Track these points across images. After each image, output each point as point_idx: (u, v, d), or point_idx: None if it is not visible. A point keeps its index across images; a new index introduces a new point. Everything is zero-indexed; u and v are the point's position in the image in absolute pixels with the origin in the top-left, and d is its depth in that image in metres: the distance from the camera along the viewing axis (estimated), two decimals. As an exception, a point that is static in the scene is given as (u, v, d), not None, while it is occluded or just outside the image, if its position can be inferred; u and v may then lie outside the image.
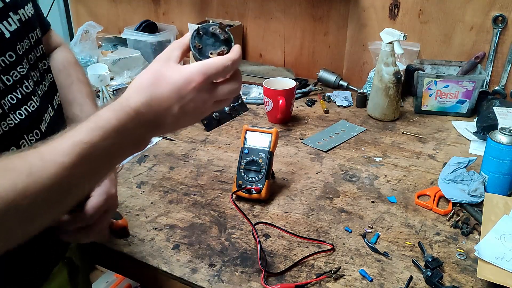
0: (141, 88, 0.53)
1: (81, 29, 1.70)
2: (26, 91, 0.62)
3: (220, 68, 0.54)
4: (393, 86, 1.32)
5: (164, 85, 0.53)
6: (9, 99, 0.60)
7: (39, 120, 0.65)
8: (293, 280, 0.79)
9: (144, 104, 0.52)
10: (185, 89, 0.53)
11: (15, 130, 0.60)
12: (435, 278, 0.77)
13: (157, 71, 0.54)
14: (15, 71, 0.60)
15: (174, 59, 0.56)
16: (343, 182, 1.07)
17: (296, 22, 1.68)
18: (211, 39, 0.57)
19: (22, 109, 0.62)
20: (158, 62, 0.56)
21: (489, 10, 1.38)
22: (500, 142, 0.95)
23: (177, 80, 0.53)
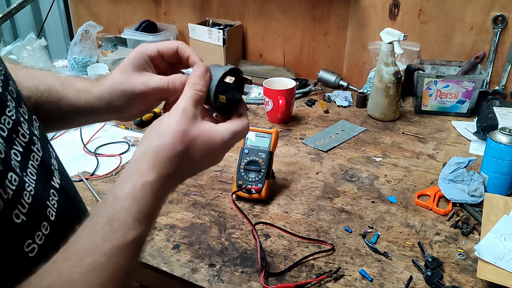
0: (172, 157, 0.48)
1: (81, 29, 1.70)
2: (24, 141, 0.49)
3: (245, 131, 0.55)
4: (393, 86, 1.32)
5: (198, 153, 0.50)
6: (14, 158, 0.45)
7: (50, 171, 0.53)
8: (293, 280, 0.79)
9: (174, 170, 0.49)
10: (219, 152, 0.53)
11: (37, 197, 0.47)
12: (435, 278, 0.77)
13: (187, 135, 0.49)
14: (5, 116, 0.46)
15: (200, 116, 0.51)
16: (343, 182, 1.07)
17: (296, 22, 1.68)
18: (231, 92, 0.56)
19: (29, 166, 0.48)
20: (185, 120, 0.50)
21: (489, 10, 1.38)
22: (500, 142, 0.95)
23: (211, 149, 0.51)
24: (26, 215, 0.44)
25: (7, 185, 0.42)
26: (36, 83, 0.61)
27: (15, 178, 0.43)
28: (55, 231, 0.48)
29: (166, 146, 0.48)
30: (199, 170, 0.53)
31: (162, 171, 0.47)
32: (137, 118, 1.04)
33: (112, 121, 1.37)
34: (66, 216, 0.52)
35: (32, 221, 0.45)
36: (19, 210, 0.43)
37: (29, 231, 0.45)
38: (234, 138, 0.53)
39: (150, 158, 0.47)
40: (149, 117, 1.36)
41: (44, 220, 0.47)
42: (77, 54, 1.70)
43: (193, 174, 0.53)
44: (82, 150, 1.22)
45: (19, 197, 0.43)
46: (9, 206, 0.42)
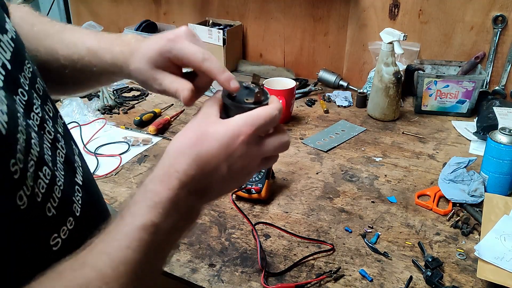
0: (184, 150, 0.46)
1: (81, 29, 1.70)
2: (50, 137, 0.49)
3: (268, 118, 0.48)
4: (393, 86, 1.32)
5: (210, 142, 0.46)
6: (47, 152, 0.46)
7: (73, 168, 0.53)
8: (293, 280, 0.79)
9: (191, 166, 0.45)
10: (233, 144, 0.46)
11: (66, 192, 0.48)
12: (435, 278, 0.77)
13: (198, 129, 0.47)
14: (33, 113, 0.47)
15: (214, 114, 0.48)
16: (343, 182, 1.07)
17: (296, 22, 1.68)
18: (244, 91, 0.51)
19: (57, 161, 0.49)
20: (197, 120, 0.48)
21: (489, 10, 1.38)
22: (500, 142, 0.95)
23: (224, 134, 0.46)
24: (56, 209, 0.45)
25: (42, 179, 0.43)
26: (69, 52, 0.60)
27: (48, 172, 0.44)
28: (79, 226, 0.49)
29: (176, 142, 0.47)
30: (222, 166, 0.47)
31: (177, 164, 0.45)
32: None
33: (112, 121, 1.37)
34: (89, 212, 0.52)
35: (60, 216, 0.46)
36: (51, 204, 0.44)
37: (56, 225, 0.46)
38: (254, 120, 0.47)
39: (163, 158, 0.47)
40: (149, 117, 1.36)
41: (70, 215, 0.48)
42: (77, 54, 1.70)
43: (216, 173, 0.47)
44: (82, 150, 1.22)
45: (51, 191, 0.44)
46: (44, 200, 0.43)
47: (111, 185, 1.07)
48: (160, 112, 1.42)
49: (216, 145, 0.46)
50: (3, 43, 0.45)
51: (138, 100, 1.52)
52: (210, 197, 0.49)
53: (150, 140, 1.26)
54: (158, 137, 1.28)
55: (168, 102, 1.50)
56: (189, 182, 0.45)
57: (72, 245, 0.45)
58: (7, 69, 0.44)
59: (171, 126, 1.36)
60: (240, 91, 0.51)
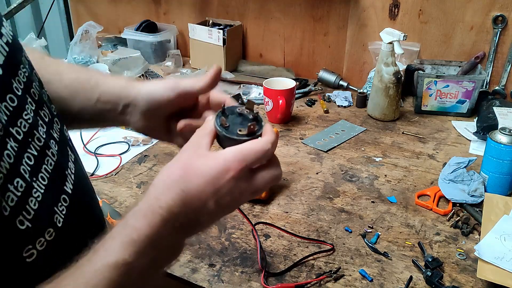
0: (170, 184, 0.45)
1: (81, 29, 1.70)
2: (39, 144, 0.47)
3: (260, 153, 0.46)
4: (393, 86, 1.32)
5: (197, 177, 0.45)
6: (26, 162, 0.44)
7: (63, 176, 0.51)
8: (293, 280, 0.79)
9: (176, 202, 0.44)
10: (221, 179, 0.45)
11: (43, 203, 0.45)
12: (435, 278, 0.77)
13: (186, 162, 0.46)
14: (22, 119, 0.45)
15: (204, 147, 0.47)
16: (343, 182, 1.07)
17: (296, 22, 1.68)
18: (238, 119, 0.50)
19: (42, 170, 0.46)
20: (186, 152, 0.48)
21: (489, 10, 1.38)
22: (500, 142, 0.95)
23: (212, 169, 0.45)
24: (31, 221, 0.43)
25: (11, 191, 0.41)
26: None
27: (21, 184, 0.42)
28: (62, 236, 0.47)
29: (164, 173, 0.47)
30: (208, 203, 0.45)
31: (161, 199, 0.44)
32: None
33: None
34: (75, 223, 0.50)
35: (37, 228, 0.44)
36: (24, 217, 0.42)
37: (31, 237, 0.43)
38: (244, 156, 0.45)
39: (148, 192, 0.46)
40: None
41: (50, 227, 0.46)
42: (77, 54, 1.70)
43: (202, 215, 0.46)
44: (82, 150, 1.22)
45: (24, 203, 0.42)
46: (13, 213, 0.41)
47: (111, 185, 1.07)
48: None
49: (203, 180, 0.45)
50: None
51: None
52: (196, 230, 0.48)
53: (150, 140, 1.26)
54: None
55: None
56: (173, 218, 0.44)
57: (52, 255, 0.45)
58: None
59: (171, 126, 1.35)
60: (234, 118, 0.50)
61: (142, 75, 1.67)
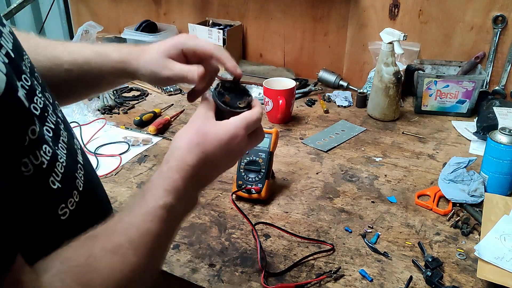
0: (192, 147, 0.54)
1: (81, 29, 1.70)
2: (53, 120, 0.53)
3: (258, 120, 0.59)
4: (393, 86, 1.32)
5: (213, 141, 0.55)
6: (47, 133, 0.50)
7: (74, 149, 0.58)
8: (293, 280, 0.79)
9: (199, 161, 0.54)
10: (231, 143, 0.56)
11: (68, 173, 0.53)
12: (435, 278, 0.77)
13: (201, 129, 0.56)
14: (37, 96, 0.50)
15: (211, 118, 0.58)
16: (343, 182, 1.07)
17: (296, 22, 1.68)
18: (231, 94, 0.62)
19: (60, 141, 0.53)
20: (198, 121, 0.57)
21: (489, 10, 1.38)
22: (500, 142, 0.95)
23: (225, 135, 0.56)
24: (60, 182, 0.49)
25: (42, 155, 0.46)
26: (74, 56, 0.67)
27: (48, 150, 0.48)
28: (83, 200, 0.54)
29: (183, 139, 0.55)
30: (224, 160, 0.57)
31: (187, 158, 0.54)
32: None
33: (112, 121, 1.37)
34: (90, 189, 0.58)
35: (66, 188, 0.51)
36: (54, 178, 0.49)
37: (63, 196, 0.51)
38: (247, 122, 0.57)
39: (172, 154, 0.55)
40: (149, 117, 1.36)
41: (75, 189, 0.53)
42: (77, 54, 1.69)
43: (219, 165, 0.58)
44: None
45: (53, 166, 0.49)
46: (45, 174, 0.47)
47: (111, 185, 1.07)
48: (160, 112, 1.42)
49: (218, 144, 0.55)
50: (4, 34, 0.48)
51: (138, 100, 1.52)
52: (207, 184, 0.59)
53: (150, 140, 1.26)
54: (158, 137, 1.28)
55: (168, 102, 1.50)
56: (196, 174, 0.54)
57: (79, 216, 0.53)
58: (11, 57, 0.46)
59: (171, 126, 1.36)
60: (228, 94, 0.61)
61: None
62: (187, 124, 0.58)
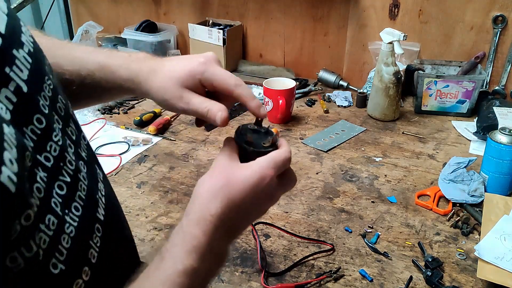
0: (216, 193, 0.47)
1: (81, 29, 1.70)
2: (71, 168, 0.43)
3: (286, 159, 0.51)
4: (393, 86, 1.32)
5: (239, 185, 0.48)
6: (57, 193, 0.39)
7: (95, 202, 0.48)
8: (293, 280, 0.79)
9: (223, 209, 0.47)
10: (260, 186, 0.49)
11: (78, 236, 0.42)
12: (435, 278, 0.77)
13: (226, 172, 0.49)
14: (52, 142, 0.40)
15: (236, 160, 0.51)
16: (343, 182, 1.07)
17: (296, 22, 1.68)
18: (254, 135, 0.56)
19: (76, 198, 0.43)
20: (221, 165, 0.50)
21: (489, 10, 1.38)
22: (500, 142, 0.95)
23: (251, 177, 0.48)
24: (64, 262, 0.39)
25: (40, 239, 0.35)
26: (77, 68, 0.58)
27: (53, 221, 0.37)
28: (97, 273, 0.44)
29: (206, 184, 0.48)
30: (252, 206, 0.50)
31: (210, 206, 0.47)
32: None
33: (112, 121, 1.37)
34: (109, 256, 0.48)
35: (72, 269, 0.40)
36: (57, 259, 0.38)
37: (67, 280, 0.40)
38: (275, 163, 0.50)
39: (194, 203, 0.48)
40: (149, 117, 1.36)
41: (85, 265, 0.43)
42: (77, 54, 1.70)
43: (247, 213, 0.50)
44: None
45: (57, 243, 0.38)
46: (43, 260, 0.36)
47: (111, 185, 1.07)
48: (160, 112, 1.42)
49: (244, 188, 0.48)
50: (18, 60, 0.38)
51: (138, 100, 1.52)
52: (238, 234, 0.51)
53: (150, 140, 1.26)
54: (158, 137, 1.28)
55: (168, 102, 1.50)
56: (222, 224, 0.47)
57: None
58: (22, 93, 0.37)
59: (171, 126, 1.36)
60: (252, 135, 0.55)
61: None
62: (208, 171, 0.51)
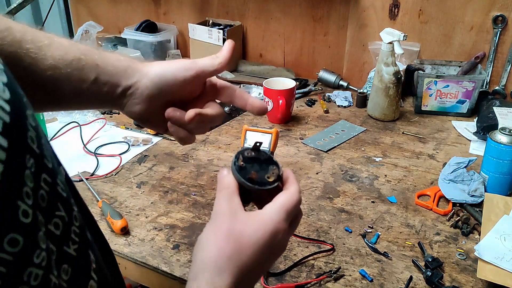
0: (223, 264, 0.43)
1: (81, 29, 1.70)
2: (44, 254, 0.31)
3: (298, 204, 0.47)
4: (393, 86, 1.32)
5: (250, 248, 0.43)
6: None
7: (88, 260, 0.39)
8: (293, 280, 0.79)
9: (233, 280, 0.42)
10: (274, 242, 0.45)
11: None
12: (435, 278, 0.77)
13: (233, 232, 0.44)
14: (35, 256, 0.30)
15: (240, 209, 0.46)
16: (343, 182, 1.07)
17: (296, 22, 1.68)
18: (255, 165, 0.50)
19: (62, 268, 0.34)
20: (224, 220, 0.45)
21: (489, 10, 1.38)
22: (500, 142, 0.95)
23: (264, 236, 0.44)
24: None
25: None
26: (62, 53, 0.52)
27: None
28: None
29: (213, 255, 0.43)
30: (265, 264, 0.46)
31: (221, 280, 0.42)
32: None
33: (112, 121, 1.37)
34: None
35: None
36: None
37: None
38: (287, 212, 0.46)
39: (199, 275, 0.43)
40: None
41: None
42: (77, 54, 1.70)
43: (259, 271, 0.47)
44: (82, 150, 1.22)
45: None
46: None
47: (111, 185, 1.07)
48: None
49: (257, 249, 0.44)
50: None
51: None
52: (253, 286, 0.49)
53: (150, 140, 1.26)
54: (158, 137, 1.28)
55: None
56: None
57: None
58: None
59: (171, 126, 1.35)
60: (251, 166, 0.50)
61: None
62: (210, 224, 0.46)
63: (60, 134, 1.29)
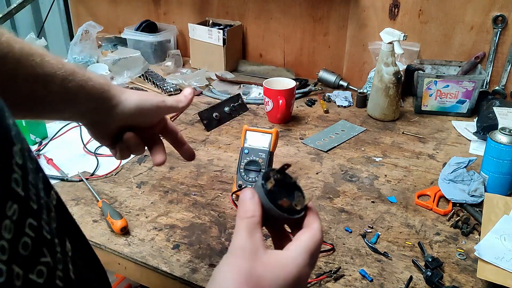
0: None
1: (81, 29, 1.70)
2: None
3: (320, 241, 0.45)
4: (393, 86, 1.32)
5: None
6: None
7: None
8: (293, 280, 0.79)
9: None
10: (300, 279, 0.42)
11: None
12: (435, 278, 0.77)
13: (251, 276, 0.40)
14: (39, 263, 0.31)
15: (261, 246, 0.42)
16: (343, 182, 1.07)
17: (296, 22, 1.68)
18: (281, 189, 0.46)
19: None
20: (244, 259, 0.41)
21: (489, 10, 1.38)
22: (500, 142, 0.95)
23: (283, 282, 0.41)
24: None
25: None
26: (54, 65, 0.55)
27: None
28: None
29: None
30: None
31: None
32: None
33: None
34: None
35: None
36: None
37: None
38: (311, 254, 0.44)
39: None
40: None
41: None
42: (77, 54, 1.70)
43: None
44: (82, 150, 1.22)
45: None
46: None
47: (111, 185, 1.07)
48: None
49: None
50: None
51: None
52: None
53: (150, 140, 1.26)
54: (158, 137, 1.28)
55: (168, 102, 1.50)
56: None
57: None
58: None
59: (171, 126, 1.35)
60: (278, 189, 0.45)
61: (142, 75, 1.67)
62: (227, 258, 0.42)
63: (60, 134, 1.29)
